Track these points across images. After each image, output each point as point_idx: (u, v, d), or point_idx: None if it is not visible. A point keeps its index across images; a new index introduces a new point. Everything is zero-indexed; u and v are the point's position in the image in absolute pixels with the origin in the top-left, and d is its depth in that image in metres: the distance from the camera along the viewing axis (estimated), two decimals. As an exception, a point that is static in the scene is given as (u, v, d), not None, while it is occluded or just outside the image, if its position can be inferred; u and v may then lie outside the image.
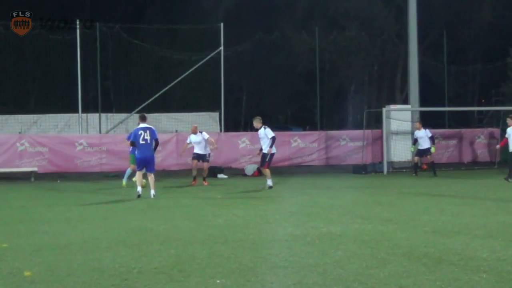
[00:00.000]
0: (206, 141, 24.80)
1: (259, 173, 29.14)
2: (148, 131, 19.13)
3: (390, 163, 31.10)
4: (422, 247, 10.45)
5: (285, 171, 29.20)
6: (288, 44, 44.95)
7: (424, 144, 28.73)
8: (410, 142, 31.83)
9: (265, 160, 22.06)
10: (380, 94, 49.55)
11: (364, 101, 46.75)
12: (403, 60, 37.31)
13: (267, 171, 22.14)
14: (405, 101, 35.37)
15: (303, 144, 32.88)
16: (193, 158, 25.02)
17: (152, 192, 19.06)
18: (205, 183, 24.29)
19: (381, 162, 30.95)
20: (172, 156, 30.52)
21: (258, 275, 8.64)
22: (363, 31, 44.88)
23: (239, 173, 29.86)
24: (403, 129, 32.37)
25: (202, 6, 49.49)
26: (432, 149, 28.86)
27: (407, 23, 33.86)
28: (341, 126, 42.78)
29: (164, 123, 32.45)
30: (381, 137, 31.84)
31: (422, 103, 34.48)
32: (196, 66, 33.10)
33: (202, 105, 37.01)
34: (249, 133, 32.90)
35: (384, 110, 31.64)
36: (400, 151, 32.11)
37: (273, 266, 9.17)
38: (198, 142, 24.75)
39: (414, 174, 28.45)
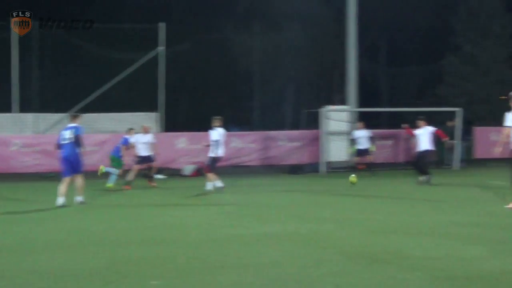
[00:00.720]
0: (152, 144, 24.14)
1: (197, 173, 29.07)
2: (73, 130, 17.52)
3: (328, 164, 31.28)
4: (358, 246, 10.56)
5: (223, 171, 29.08)
6: (228, 44, 44.98)
7: (364, 144, 28.93)
8: (348, 143, 32.03)
9: (208, 163, 21.36)
10: (318, 95, 49.88)
11: (302, 102, 47.02)
12: (341, 61, 37.63)
13: (209, 176, 21.25)
14: (343, 101, 35.64)
15: (242, 145, 32.83)
16: (138, 162, 23.67)
17: (79, 198, 17.48)
18: (153, 184, 23.30)
19: (318, 163, 31.12)
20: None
21: (194, 276, 8.63)
22: (302, 32, 45.12)
23: (177, 173, 29.73)
24: (341, 129, 32.58)
25: (142, 6, 49.21)
26: (372, 147, 29.12)
27: (346, 25, 34.13)
28: (279, 126, 42.91)
29: (102, 124, 32.07)
30: (319, 138, 32.01)
31: (360, 104, 34.78)
32: (135, 66, 32.85)
33: (141, 105, 36.72)
34: (187, 133, 32.78)
35: (322, 110, 31.83)
36: (337, 151, 32.32)
37: (210, 267, 9.16)
38: (145, 142, 23.74)
39: (371, 173, 28.48)
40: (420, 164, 23.31)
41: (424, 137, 23.30)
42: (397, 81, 50.04)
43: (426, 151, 23.29)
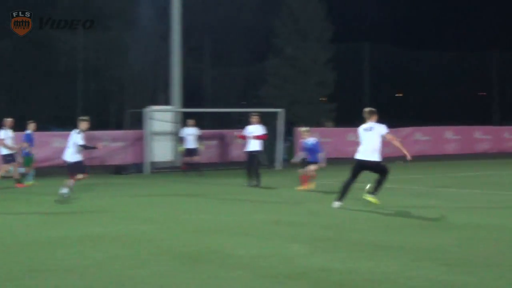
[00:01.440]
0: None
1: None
2: None
3: (152, 164, 31.18)
4: (183, 246, 10.61)
5: (45, 171, 28.47)
6: (50, 42, 43.94)
7: (192, 143, 28.83)
8: (171, 143, 32.03)
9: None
10: (143, 95, 49.62)
11: (126, 102, 46.66)
12: (166, 61, 37.64)
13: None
14: (168, 102, 35.65)
15: (65, 144, 32.14)
16: (9, 161, 22.63)
17: None
18: (25, 185, 22.70)
19: (142, 163, 30.98)
20: None
21: (14, 280, 8.41)
22: (127, 31, 44.78)
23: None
24: (165, 129, 32.55)
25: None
26: (201, 146, 29.10)
27: (170, 25, 34.13)
28: (103, 126, 42.38)
29: None
30: (143, 138, 31.87)
31: (185, 104, 34.88)
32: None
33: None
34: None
35: (146, 110, 31.70)
36: (161, 151, 32.26)
37: (31, 270, 8.95)
38: (12, 137, 22.64)
39: (199, 173, 28.34)
40: (252, 166, 22.73)
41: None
42: (221, 82, 50.56)
43: (257, 152, 22.73)
